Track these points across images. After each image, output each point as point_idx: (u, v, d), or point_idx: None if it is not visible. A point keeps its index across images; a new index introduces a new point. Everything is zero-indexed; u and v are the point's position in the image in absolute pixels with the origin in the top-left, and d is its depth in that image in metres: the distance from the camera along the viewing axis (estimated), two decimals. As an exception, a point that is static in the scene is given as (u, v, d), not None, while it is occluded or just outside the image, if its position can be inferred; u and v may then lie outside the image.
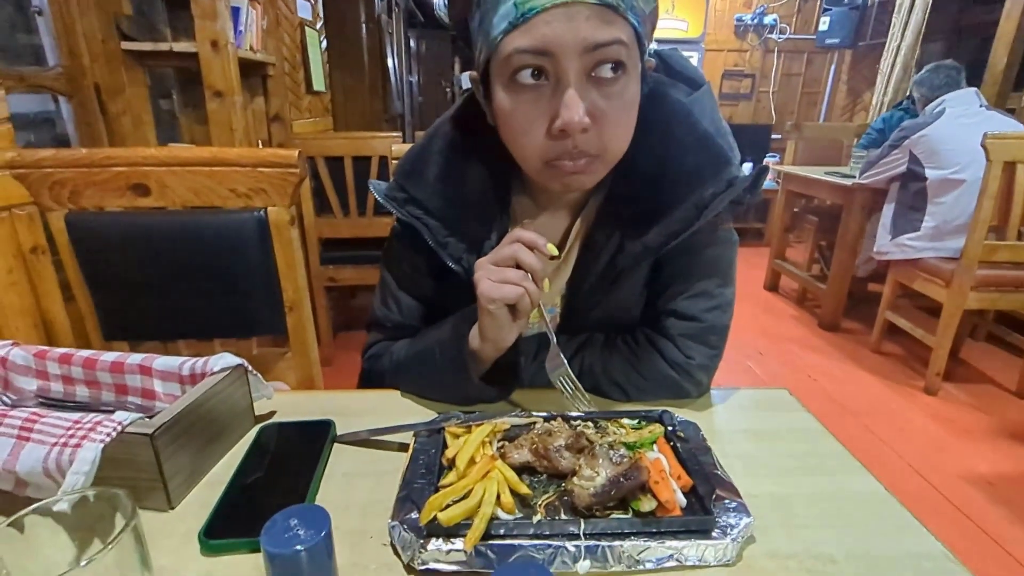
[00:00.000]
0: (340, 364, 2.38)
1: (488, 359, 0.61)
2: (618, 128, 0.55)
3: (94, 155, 0.88)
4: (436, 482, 0.46)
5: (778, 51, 4.92)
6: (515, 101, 0.53)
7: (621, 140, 0.56)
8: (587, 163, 0.55)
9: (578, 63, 0.50)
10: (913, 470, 1.76)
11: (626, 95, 0.53)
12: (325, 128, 3.22)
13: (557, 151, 0.54)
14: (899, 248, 2.29)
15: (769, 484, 0.51)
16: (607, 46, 0.49)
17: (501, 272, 0.54)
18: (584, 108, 0.51)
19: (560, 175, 0.56)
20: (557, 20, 0.48)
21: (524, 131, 0.54)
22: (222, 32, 1.68)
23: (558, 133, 0.52)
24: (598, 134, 0.53)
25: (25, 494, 0.44)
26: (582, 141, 0.53)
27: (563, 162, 0.55)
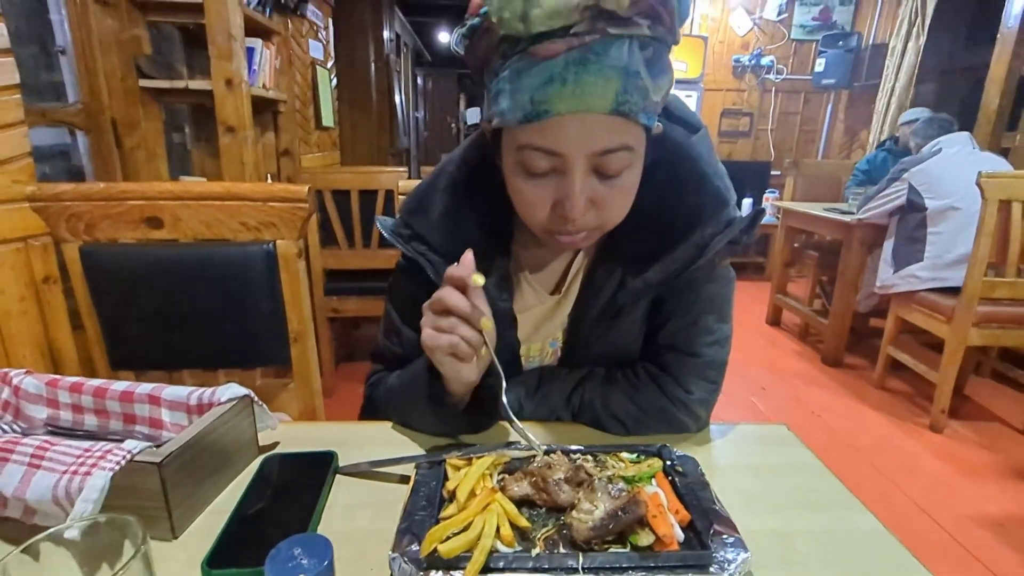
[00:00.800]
0: (342, 395, 2.38)
1: (458, 394, 0.62)
2: (616, 209, 0.58)
3: (111, 189, 0.91)
4: (437, 514, 0.47)
5: (775, 91, 5.05)
6: (523, 182, 0.57)
7: (620, 214, 0.59)
8: (586, 235, 0.59)
9: (584, 164, 0.53)
10: (920, 509, 1.73)
11: (627, 182, 0.57)
12: (333, 162, 3.30)
13: (558, 226, 0.58)
14: (904, 280, 2.30)
15: (768, 520, 0.51)
16: (614, 152, 0.52)
17: (435, 320, 0.55)
18: (585, 199, 0.54)
19: (558, 241, 0.60)
20: (570, 127, 0.50)
21: (529, 205, 0.58)
22: (236, 71, 1.75)
23: (559, 217, 0.56)
24: (597, 214, 0.57)
25: (32, 522, 0.45)
26: (581, 221, 0.56)
27: (562, 237, 0.59)
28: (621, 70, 0.48)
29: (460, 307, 0.54)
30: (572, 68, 0.48)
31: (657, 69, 0.51)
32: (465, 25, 0.53)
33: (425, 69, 8.25)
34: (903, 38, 3.99)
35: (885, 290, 2.43)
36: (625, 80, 0.48)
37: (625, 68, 0.48)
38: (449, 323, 0.54)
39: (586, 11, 0.46)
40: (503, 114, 0.52)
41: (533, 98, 0.49)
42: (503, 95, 0.52)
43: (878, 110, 4.24)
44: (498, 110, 0.53)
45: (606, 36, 0.47)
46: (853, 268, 2.68)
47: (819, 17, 4.82)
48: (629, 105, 0.50)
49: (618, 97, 0.49)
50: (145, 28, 1.77)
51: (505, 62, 0.51)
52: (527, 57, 0.49)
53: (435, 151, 8.10)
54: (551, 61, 0.48)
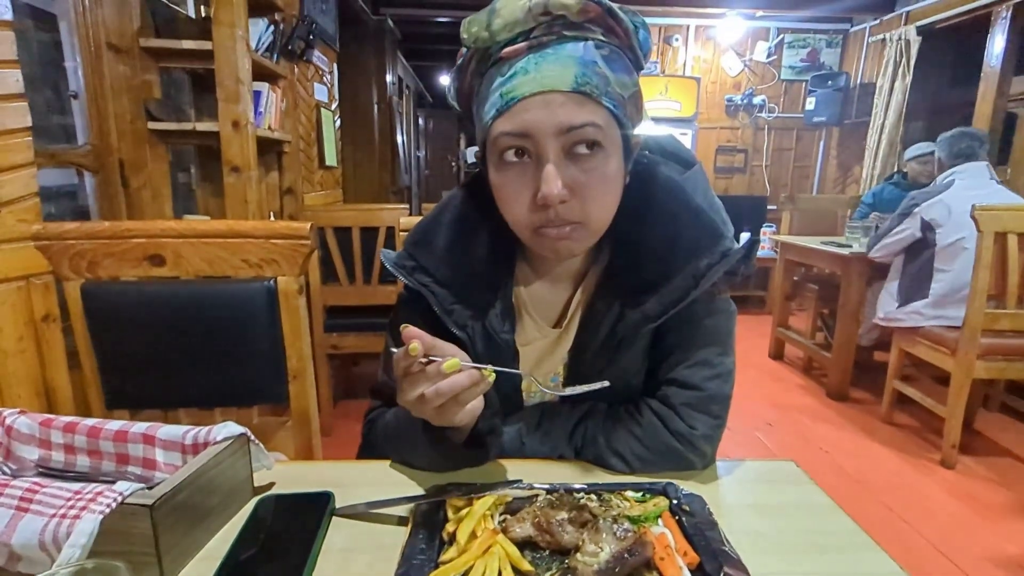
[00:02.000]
0: (340, 433, 2.34)
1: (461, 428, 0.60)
2: (597, 198, 0.59)
3: (116, 228, 0.92)
4: (436, 558, 0.45)
5: (768, 128, 5.17)
6: (503, 177, 0.59)
7: (601, 210, 0.60)
8: (571, 230, 0.59)
9: (555, 143, 0.55)
10: (938, 551, 1.67)
11: (603, 169, 0.58)
12: (335, 200, 3.35)
13: (542, 220, 0.59)
14: (908, 315, 2.28)
15: (778, 562, 0.49)
16: (581, 128, 0.55)
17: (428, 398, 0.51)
18: (561, 182, 0.56)
19: (548, 241, 0.60)
20: (535, 107, 0.54)
21: (512, 201, 0.60)
22: (243, 114, 1.80)
23: (540, 204, 0.57)
24: (578, 204, 0.58)
25: (17, 569, 0.43)
26: (563, 210, 0.57)
27: (548, 230, 0.59)
28: (578, 59, 0.54)
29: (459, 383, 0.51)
30: (533, 60, 0.54)
31: (617, 66, 0.56)
32: (455, 67, 0.61)
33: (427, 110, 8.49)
34: (889, 78, 4.11)
35: (888, 323, 2.42)
36: (583, 66, 0.54)
37: (581, 58, 0.54)
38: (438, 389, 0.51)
39: (541, 17, 0.53)
40: (482, 120, 0.57)
41: (502, 92, 0.55)
42: (482, 105, 0.58)
43: (869, 146, 4.33)
44: (480, 124, 0.59)
45: (562, 38, 0.54)
46: (853, 301, 2.68)
47: (807, 59, 4.98)
48: (589, 86, 0.54)
49: (577, 78, 0.53)
50: (157, 73, 1.83)
51: (482, 78, 0.58)
52: (497, 63, 0.56)
53: (436, 189, 8.24)
54: (516, 60, 0.55)
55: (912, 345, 2.32)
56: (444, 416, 0.54)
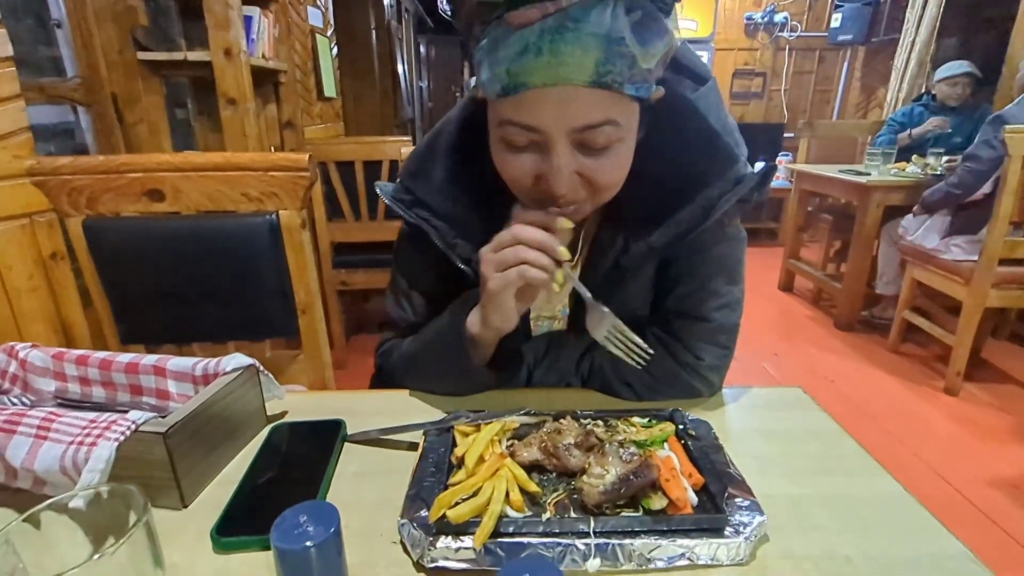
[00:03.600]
0: (353, 367, 2.40)
1: (489, 343, 0.61)
2: (607, 181, 0.55)
3: (110, 162, 0.89)
4: (445, 480, 0.46)
5: (789, 49, 4.87)
6: (506, 155, 0.54)
7: (611, 188, 0.56)
8: (576, 208, 0.56)
9: (566, 139, 0.50)
10: (934, 473, 1.72)
11: (617, 156, 0.53)
12: (336, 134, 3.26)
13: (545, 196, 0.55)
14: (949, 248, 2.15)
15: (784, 484, 0.50)
16: (597, 127, 0.49)
17: (500, 257, 0.53)
18: (569, 174, 0.51)
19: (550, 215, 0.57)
20: (547, 100, 0.48)
21: (514, 182, 0.56)
22: (235, 41, 1.71)
23: (545, 192, 0.53)
24: (586, 189, 0.54)
25: (43, 492, 0.45)
26: (570, 195, 0.54)
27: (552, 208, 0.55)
28: (602, 37, 0.44)
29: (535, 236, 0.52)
30: (547, 36, 0.44)
31: (649, 34, 0.46)
32: None
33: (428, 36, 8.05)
34: (925, -11, 3.81)
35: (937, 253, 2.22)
36: (606, 48, 0.45)
37: (606, 35, 0.44)
38: (516, 251, 0.52)
39: None
40: (484, 86, 0.51)
41: (509, 70, 0.47)
42: (483, 66, 0.50)
43: (897, 66, 4.08)
44: (480, 81, 0.52)
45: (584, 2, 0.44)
46: (868, 231, 2.62)
47: (836, -31, 4.62)
48: (611, 76, 0.46)
49: (598, 67, 0.45)
50: (140, -2, 1.73)
51: (484, 29, 0.48)
52: (503, 25, 0.46)
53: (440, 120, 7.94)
54: (526, 30, 0.45)
55: (925, 274, 2.29)
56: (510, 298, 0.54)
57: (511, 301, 0.55)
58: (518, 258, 0.52)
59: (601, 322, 0.56)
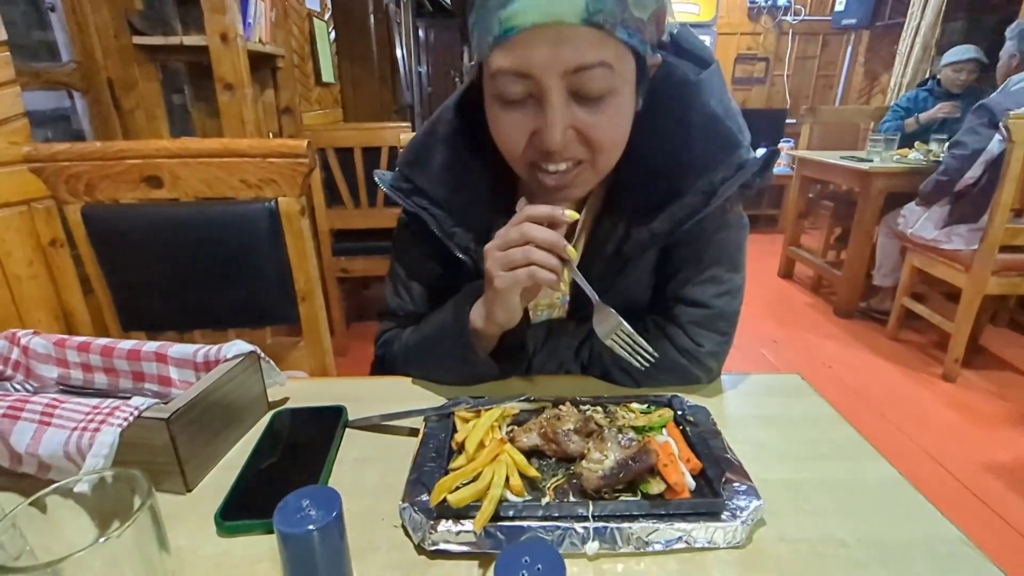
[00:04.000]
0: (354, 354, 2.41)
1: (492, 336, 0.62)
2: (605, 140, 0.54)
3: (108, 148, 0.89)
4: (446, 465, 0.47)
5: (792, 33, 4.81)
6: (500, 114, 0.54)
7: (608, 150, 0.55)
8: (574, 174, 0.55)
9: (560, 84, 0.49)
10: (930, 458, 1.74)
11: (613, 110, 0.52)
12: (335, 120, 3.23)
13: (541, 156, 0.54)
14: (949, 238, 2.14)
15: (780, 469, 0.51)
16: (590, 68, 0.48)
17: (508, 257, 0.53)
18: (564, 128, 0.51)
19: (545, 189, 0.56)
20: (538, 42, 0.47)
21: (508, 142, 0.55)
22: (231, 25, 1.69)
23: (537, 148, 0.52)
24: (584, 143, 0.53)
25: (48, 477, 0.46)
26: (566, 152, 0.53)
27: (548, 171, 0.55)
28: None
29: (546, 237, 0.51)
30: None
31: None
32: None
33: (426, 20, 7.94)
34: (932, -29, 3.75)
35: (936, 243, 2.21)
36: None
37: None
38: (527, 251, 0.52)
39: None
40: (478, 47, 0.51)
41: (499, 16, 0.47)
42: (476, 26, 0.50)
43: (901, 51, 4.04)
44: (475, 44, 0.51)
45: None
46: (869, 218, 2.61)
47: (841, -49, 4.55)
48: (602, 15, 0.46)
49: (589, 5, 0.45)
50: (134, -20, 1.70)
51: None
52: None
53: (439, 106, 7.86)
54: None
55: (925, 261, 2.29)
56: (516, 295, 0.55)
57: (517, 299, 0.56)
58: (528, 259, 0.52)
59: (607, 323, 0.56)
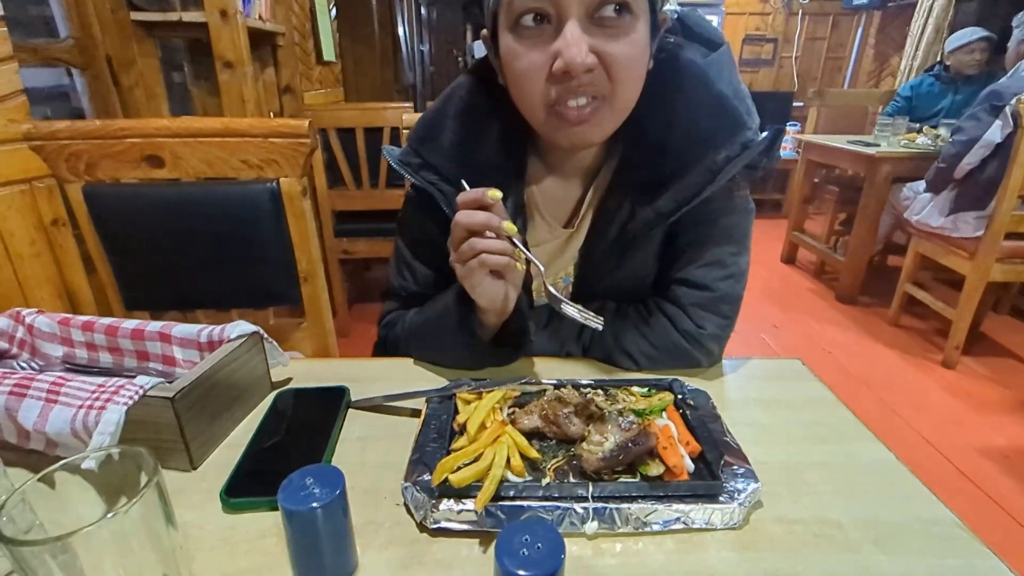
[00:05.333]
0: (356, 335, 2.42)
1: (492, 324, 0.62)
2: (624, 70, 0.53)
3: (108, 126, 0.88)
4: (448, 446, 0.47)
5: (802, 13, 4.72)
6: (518, 45, 0.53)
7: (628, 84, 0.55)
8: (592, 110, 0.55)
9: (579, 4, 0.49)
10: (927, 442, 1.75)
11: (632, 36, 0.52)
12: (336, 99, 3.19)
13: (561, 92, 0.54)
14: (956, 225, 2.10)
15: (779, 452, 0.51)
16: (609, 3, 0.49)
17: (459, 252, 0.54)
18: (586, 47, 0.50)
19: (565, 125, 0.56)
20: None
21: (527, 74, 0.54)
22: (230, 1, 1.66)
23: (561, 74, 0.52)
24: (603, 75, 0.53)
25: (55, 454, 0.46)
26: (586, 80, 0.52)
27: (567, 106, 0.54)
28: None
29: (480, 221, 0.52)
30: None
31: None
32: None
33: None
34: (946, -50, 3.66)
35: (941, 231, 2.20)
36: None
37: None
38: (471, 243, 0.53)
39: None
40: None
41: None
42: None
43: (912, 32, 3.96)
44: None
45: None
46: (874, 204, 2.59)
47: (855, -72, 4.44)
48: None
49: None
50: (132, -46, 1.67)
51: None
52: None
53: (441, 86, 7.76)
54: None
55: (929, 248, 2.28)
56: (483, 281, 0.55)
57: (488, 285, 0.56)
58: (473, 249, 0.52)
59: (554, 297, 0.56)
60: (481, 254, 0.52)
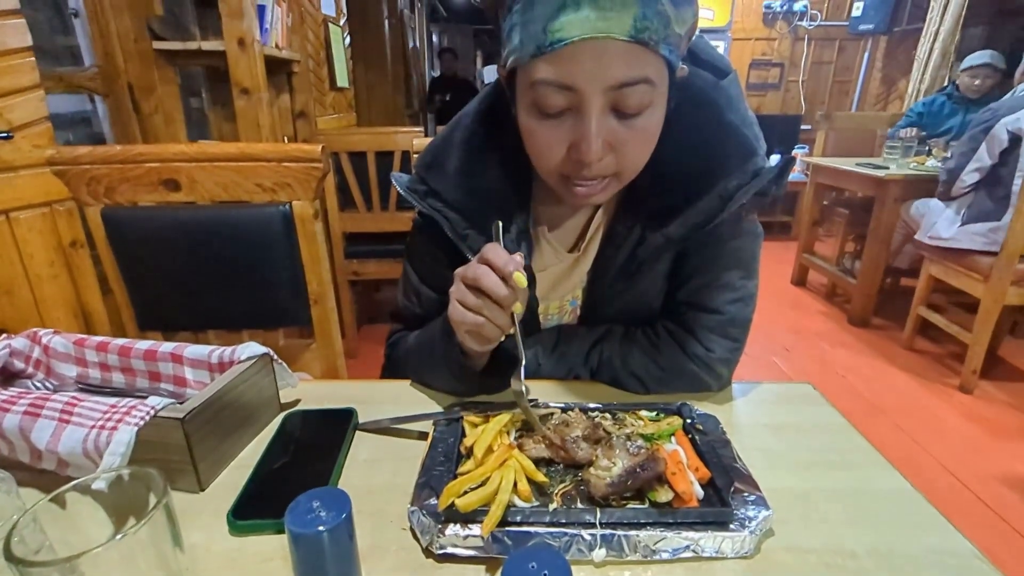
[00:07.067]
0: (364, 356, 2.42)
1: (478, 354, 0.61)
2: (636, 155, 0.55)
3: (128, 151, 0.91)
4: (454, 469, 0.47)
5: (808, 39, 4.78)
6: (537, 123, 0.54)
7: (638, 163, 0.56)
8: (603, 186, 0.56)
9: (602, 98, 0.49)
10: (946, 470, 1.71)
11: (648, 126, 0.53)
12: (349, 124, 3.26)
13: (573, 171, 0.55)
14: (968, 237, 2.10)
15: (790, 478, 0.50)
16: (633, 85, 0.49)
17: (464, 294, 0.53)
18: (601, 142, 0.51)
19: (574, 194, 0.57)
20: (585, 56, 0.47)
21: (542, 153, 0.55)
22: (248, 30, 1.72)
23: (575, 160, 0.53)
24: (615, 160, 0.54)
25: (67, 473, 0.47)
26: (598, 167, 0.53)
27: (578, 183, 0.55)
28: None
29: (495, 292, 0.51)
30: None
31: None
32: None
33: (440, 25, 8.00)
34: (951, -24, 3.71)
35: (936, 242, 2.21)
36: (644, 4, 0.46)
37: None
38: (478, 303, 0.52)
39: None
40: (516, 50, 0.50)
41: (546, 27, 0.47)
42: (516, 30, 0.50)
43: (919, 57, 3.99)
44: (512, 47, 0.51)
45: None
46: (885, 226, 2.58)
47: (858, -44, 4.51)
48: (649, 32, 0.46)
49: (636, 23, 0.46)
50: (155, -13, 1.74)
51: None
52: None
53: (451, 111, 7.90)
54: None
55: (943, 270, 2.25)
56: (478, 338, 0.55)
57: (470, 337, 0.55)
58: (480, 310, 0.52)
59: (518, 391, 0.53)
60: (483, 320, 0.52)
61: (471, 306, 0.53)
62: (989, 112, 2.04)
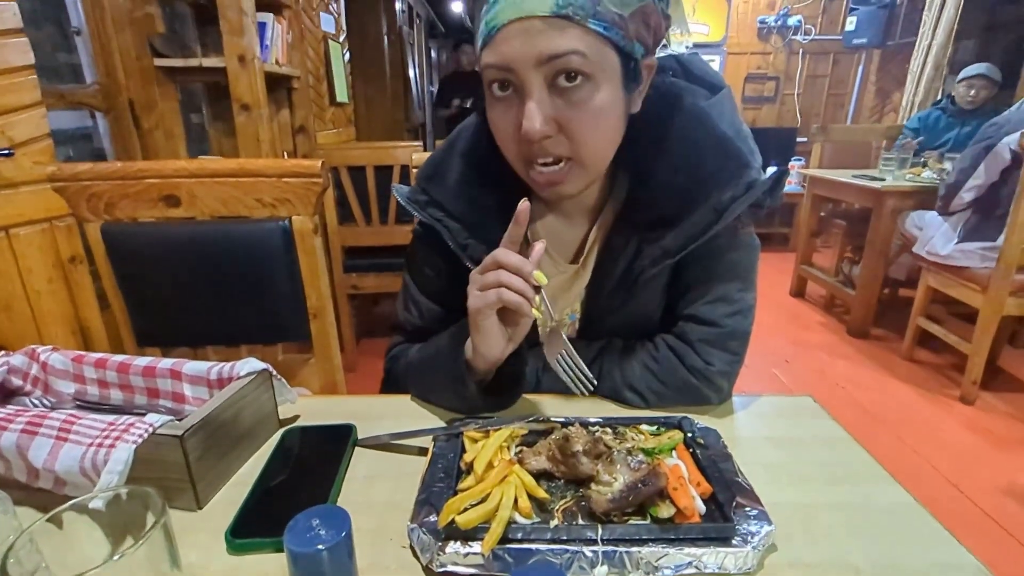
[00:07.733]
0: (363, 370, 2.41)
1: (482, 371, 0.61)
2: (585, 132, 0.55)
3: (128, 168, 0.91)
4: (455, 486, 0.47)
5: (803, 52, 4.84)
6: (493, 111, 0.57)
7: (593, 145, 0.56)
8: (563, 171, 0.57)
9: (536, 74, 0.51)
10: (948, 482, 1.70)
11: (591, 101, 0.53)
12: (348, 138, 3.29)
13: (529, 154, 0.56)
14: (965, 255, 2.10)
15: (792, 492, 0.50)
16: (561, 56, 0.50)
17: (482, 279, 0.55)
18: (542, 117, 0.52)
19: (540, 182, 0.58)
20: (514, 36, 0.50)
21: (502, 136, 0.58)
22: (249, 47, 1.74)
23: (523, 140, 0.54)
24: (565, 139, 0.55)
25: (64, 492, 0.46)
26: (549, 145, 0.55)
27: (538, 170, 0.57)
28: None
29: (514, 261, 0.53)
30: None
31: None
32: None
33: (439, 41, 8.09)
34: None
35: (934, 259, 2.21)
36: None
37: None
38: (497, 274, 0.54)
39: None
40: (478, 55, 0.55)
41: (486, 20, 0.52)
42: (476, 36, 0.55)
43: (913, 70, 4.03)
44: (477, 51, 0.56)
45: None
46: (883, 236, 2.59)
47: (850, -28, 4.58)
48: (572, 7, 0.49)
49: (559, 0, 0.48)
50: (158, 5, 1.76)
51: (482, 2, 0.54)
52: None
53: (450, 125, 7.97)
54: None
55: (941, 281, 2.26)
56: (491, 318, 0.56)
57: (494, 326, 0.56)
58: (498, 280, 0.54)
59: (555, 344, 0.58)
60: (502, 288, 0.53)
61: (490, 281, 0.54)
62: (993, 127, 2.01)
